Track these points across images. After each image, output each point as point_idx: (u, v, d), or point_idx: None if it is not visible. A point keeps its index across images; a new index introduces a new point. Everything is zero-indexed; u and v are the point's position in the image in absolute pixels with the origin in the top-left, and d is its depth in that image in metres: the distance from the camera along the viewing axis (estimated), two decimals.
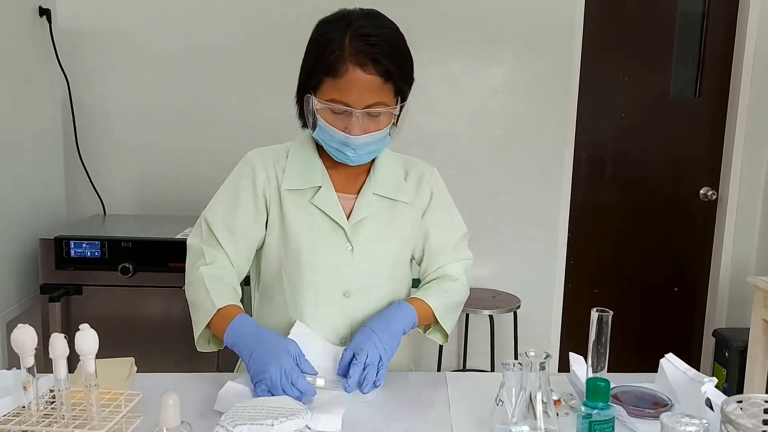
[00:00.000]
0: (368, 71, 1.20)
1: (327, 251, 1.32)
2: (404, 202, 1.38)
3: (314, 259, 1.31)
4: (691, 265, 3.29)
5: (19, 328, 0.90)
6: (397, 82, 1.25)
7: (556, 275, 3.14)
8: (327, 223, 1.32)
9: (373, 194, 1.36)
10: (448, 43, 2.93)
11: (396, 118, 1.32)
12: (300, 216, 1.33)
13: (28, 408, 0.92)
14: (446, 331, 1.39)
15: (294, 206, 1.33)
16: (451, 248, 1.44)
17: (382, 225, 1.36)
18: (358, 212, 1.34)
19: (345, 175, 1.37)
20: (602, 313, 1.07)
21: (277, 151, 1.38)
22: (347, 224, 1.33)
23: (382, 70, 1.21)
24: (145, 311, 2.25)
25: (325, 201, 1.33)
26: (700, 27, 3.12)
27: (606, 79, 3.09)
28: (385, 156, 1.40)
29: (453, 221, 1.47)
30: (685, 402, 1.13)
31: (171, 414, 0.92)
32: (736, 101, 3.08)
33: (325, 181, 1.34)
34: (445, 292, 1.39)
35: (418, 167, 1.44)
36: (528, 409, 0.98)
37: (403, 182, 1.40)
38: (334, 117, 1.24)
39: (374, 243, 1.34)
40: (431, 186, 1.43)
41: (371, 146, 1.28)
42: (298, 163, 1.35)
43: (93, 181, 2.76)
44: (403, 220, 1.38)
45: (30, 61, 2.43)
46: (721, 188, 3.19)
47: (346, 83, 1.20)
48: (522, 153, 3.03)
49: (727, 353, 2.96)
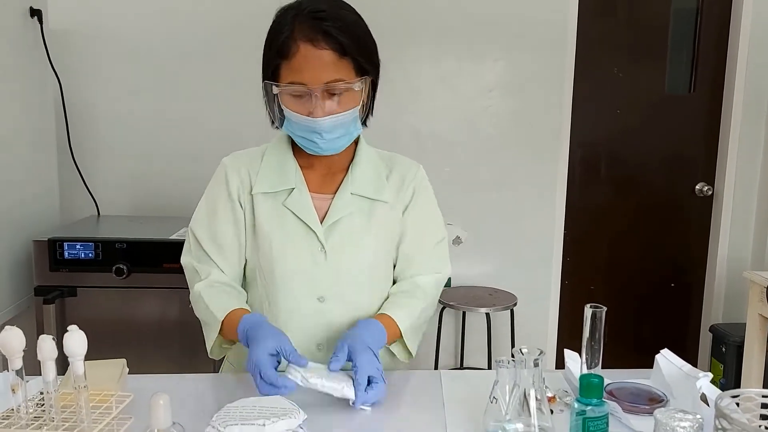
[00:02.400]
0: (320, 46, 1.16)
1: (299, 255, 1.27)
2: (384, 201, 1.32)
3: (286, 263, 1.27)
4: (687, 261, 3.29)
5: (6, 330, 0.90)
6: (355, 58, 1.20)
7: (552, 272, 3.13)
8: (299, 226, 1.28)
9: (351, 194, 1.31)
10: (440, 41, 2.93)
11: (368, 103, 1.27)
12: (272, 220, 1.29)
13: (17, 411, 0.92)
14: (411, 352, 1.33)
15: (266, 210, 1.29)
16: (427, 254, 1.38)
17: (360, 226, 1.30)
18: (334, 213, 1.29)
19: (322, 174, 1.33)
20: (596, 309, 1.07)
21: (251, 154, 1.35)
22: (320, 227, 1.28)
23: (334, 44, 1.17)
24: (140, 312, 2.24)
25: (297, 203, 1.28)
26: (694, 22, 3.12)
27: (600, 76, 3.09)
28: (365, 153, 1.36)
29: (432, 224, 1.41)
30: (681, 397, 1.13)
31: (162, 415, 0.91)
32: (731, 96, 3.07)
33: (298, 182, 1.30)
34: (413, 309, 1.32)
35: (402, 165, 1.38)
36: (522, 407, 0.97)
37: (384, 181, 1.34)
38: (296, 103, 1.20)
39: (349, 246, 1.29)
40: (415, 184, 1.37)
41: (338, 130, 1.22)
42: (272, 164, 1.32)
43: (86, 182, 2.75)
44: (382, 221, 1.32)
45: (21, 63, 2.41)
46: (716, 184, 3.19)
47: (299, 62, 1.17)
48: (517, 150, 3.03)
49: (724, 349, 2.96)
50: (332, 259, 1.28)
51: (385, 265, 1.37)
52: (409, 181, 1.36)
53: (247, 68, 2.97)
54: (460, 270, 3.07)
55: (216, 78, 2.85)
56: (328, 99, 1.20)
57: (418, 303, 1.34)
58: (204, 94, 2.85)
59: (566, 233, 3.13)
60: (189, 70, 2.84)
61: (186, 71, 2.84)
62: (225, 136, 2.81)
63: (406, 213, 1.36)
